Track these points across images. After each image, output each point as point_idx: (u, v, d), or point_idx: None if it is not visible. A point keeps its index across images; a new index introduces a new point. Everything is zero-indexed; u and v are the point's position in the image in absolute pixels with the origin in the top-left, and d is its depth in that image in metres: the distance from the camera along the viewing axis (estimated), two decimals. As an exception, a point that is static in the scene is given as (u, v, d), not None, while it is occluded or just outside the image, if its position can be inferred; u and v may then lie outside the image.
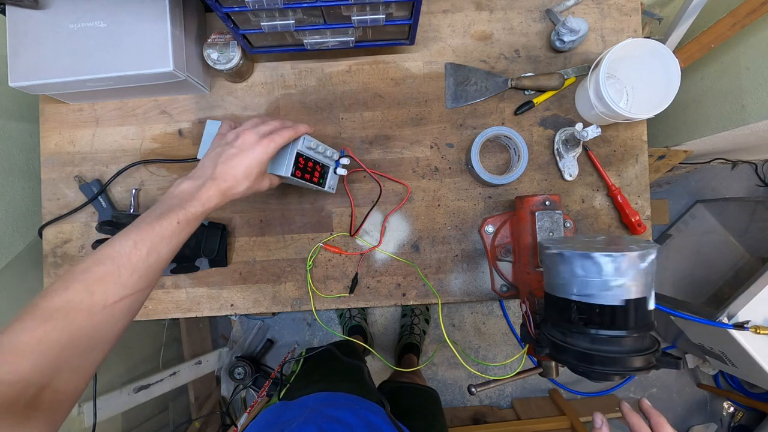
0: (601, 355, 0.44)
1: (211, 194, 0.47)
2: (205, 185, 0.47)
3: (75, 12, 0.60)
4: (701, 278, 1.53)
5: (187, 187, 0.47)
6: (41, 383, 0.34)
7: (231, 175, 0.48)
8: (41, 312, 0.36)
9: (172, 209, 0.44)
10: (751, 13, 0.82)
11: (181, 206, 0.44)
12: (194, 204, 0.45)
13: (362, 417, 0.60)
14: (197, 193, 0.46)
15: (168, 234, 0.43)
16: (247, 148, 0.49)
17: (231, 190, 0.48)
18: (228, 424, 1.52)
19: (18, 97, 0.81)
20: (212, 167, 0.48)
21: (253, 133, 0.50)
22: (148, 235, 0.41)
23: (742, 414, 1.60)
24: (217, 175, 0.48)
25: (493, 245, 0.70)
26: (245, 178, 0.49)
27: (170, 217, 0.43)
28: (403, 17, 0.58)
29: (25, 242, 0.83)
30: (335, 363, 0.80)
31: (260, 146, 0.49)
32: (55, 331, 0.35)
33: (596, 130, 0.62)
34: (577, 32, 0.67)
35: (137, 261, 0.40)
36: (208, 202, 0.46)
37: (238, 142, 0.49)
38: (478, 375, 0.64)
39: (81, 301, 0.37)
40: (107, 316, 0.38)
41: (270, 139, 0.50)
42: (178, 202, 0.45)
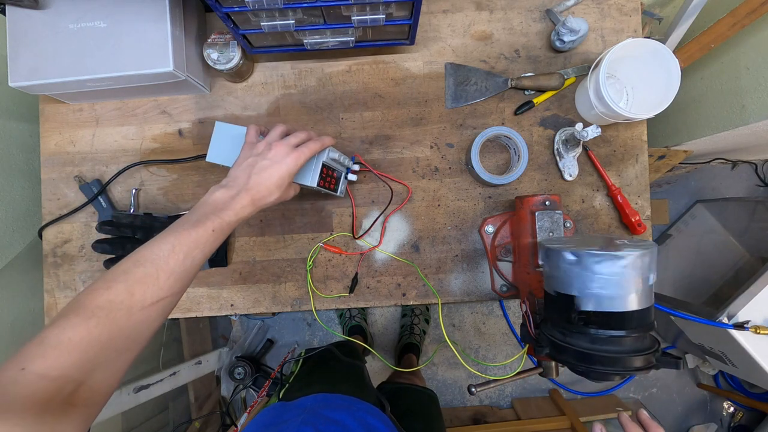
0: (601, 355, 0.44)
1: (244, 204, 0.48)
2: (239, 195, 0.49)
3: (75, 12, 0.60)
4: (701, 278, 1.53)
5: (222, 196, 0.48)
6: (79, 380, 0.34)
7: (264, 185, 0.50)
8: (85, 310, 0.37)
9: (207, 217, 0.46)
10: (751, 13, 0.82)
11: (216, 214, 0.46)
12: (228, 213, 0.47)
13: (360, 419, 0.60)
14: (231, 203, 0.48)
15: (203, 241, 0.44)
16: (279, 160, 0.51)
17: (263, 200, 0.50)
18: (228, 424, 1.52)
19: (18, 97, 0.81)
20: (246, 177, 0.50)
21: (285, 145, 0.52)
22: (185, 240, 0.43)
23: (742, 414, 1.60)
24: (251, 185, 0.49)
25: (493, 245, 0.70)
26: (277, 188, 0.51)
27: (206, 225, 0.45)
28: (403, 17, 0.58)
29: (25, 242, 0.83)
30: (335, 364, 0.80)
31: (291, 158, 0.51)
32: (96, 329, 0.36)
33: (596, 130, 0.62)
34: (577, 32, 0.67)
35: (174, 265, 0.42)
36: (242, 211, 0.48)
37: (271, 154, 0.51)
38: (478, 375, 0.64)
39: (122, 301, 0.38)
40: (144, 317, 0.40)
41: (300, 152, 0.52)
42: (213, 210, 0.47)
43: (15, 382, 0.32)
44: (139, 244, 0.66)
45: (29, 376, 0.32)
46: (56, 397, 0.33)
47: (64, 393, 0.33)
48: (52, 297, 0.73)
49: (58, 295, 0.73)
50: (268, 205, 0.51)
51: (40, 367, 0.33)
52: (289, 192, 0.55)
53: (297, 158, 0.52)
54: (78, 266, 0.73)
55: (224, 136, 0.61)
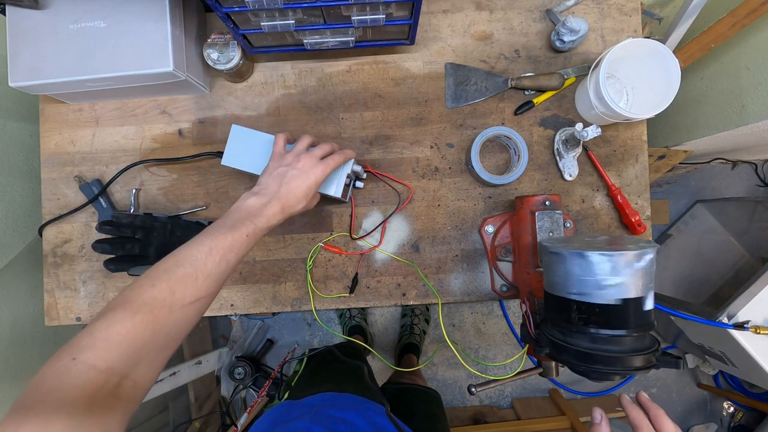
0: (601, 355, 0.44)
1: (275, 211, 0.51)
2: (271, 202, 0.51)
3: (75, 12, 0.60)
4: (701, 278, 1.53)
5: (255, 203, 0.51)
6: (124, 373, 0.36)
7: (293, 195, 0.53)
8: (132, 305, 0.38)
9: (242, 222, 0.48)
10: (751, 13, 0.82)
11: (250, 220, 0.48)
12: (261, 219, 0.49)
13: (368, 418, 0.60)
14: (264, 210, 0.50)
15: (237, 245, 0.46)
16: (308, 170, 0.54)
17: (292, 208, 0.53)
18: (228, 424, 1.52)
19: (18, 97, 0.81)
20: (277, 186, 0.53)
21: (312, 156, 0.55)
22: (221, 244, 0.45)
23: (742, 414, 1.60)
24: (281, 194, 0.52)
25: (493, 245, 0.70)
26: (305, 197, 0.54)
27: (240, 230, 0.47)
28: (403, 17, 0.58)
29: (25, 242, 0.83)
30: (337, 364, 0.80)
31: (318, 169, 0.54)
32: (141, 325, 0.38)
33: (596, 130, 0.62)
34: (577, 32, 0.67)
35: (212, 267, 0.44)
36: (273, 218, 0.51)
37: (300, 165, 0.54)
38: (478, 375, 0.64)
39: (165, 299, 0.40)
40: (183, 316, 0.41)
41: (326, 164, 0.55)
42: (247, 216, 0.49)
43: (68, 371, 0.33)
44: (139, 244, 0.66)
45: (80, 366, 0.33)
46: (103, 388, 0.34)
47: (110, 385, 0.34)
48: (52, 297, 0.73)
49: (58, 295, 0.73)
50: (295, 213, 0.54)
51: (91, 358, 0.34)
52: (313, 201, 0.58)
53: (323, 170, 0.55)
54: (78, 266, 0.73)
55: (241, 139, 0.61)
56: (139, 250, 0.66)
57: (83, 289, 0.73)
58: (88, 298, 0.73)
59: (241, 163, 0.61)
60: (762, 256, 1.47)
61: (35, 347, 0.87)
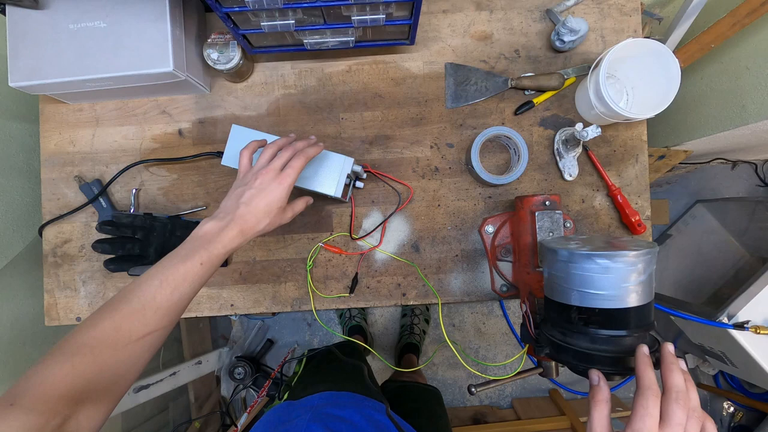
0: (601, 355, 0.44)
1: (233, 235, 0.49)
2: (228, 226, 0.49)
3: (75, 12, 0.60)
4: (701, 278, 1.53)
5: (211, 229, 0.49)
6: (66, 414, 0.36)
7: (252, 215, 0.50)
8: (70, 347, 0.39)
9: (196, 250, 0.47)
10: (751, 13, 0.82)
11: (204, 247, 0.47)
12: (216, 245, 0.48)
13: (368, 416, 0.60)
14: (220, 235, 0.48)
15: (191, 275, 0.45)
16: (266, 188, 0.51)
17: (252, 229, 0.51)
18: (228, 424, 1.52)
19: (18, 97, 0.81)
20: (234, 208, 0.51)
21: (270, 171, 0.52)
22: (173, 276, 0.44)
23: (742, 414, 1.60)
24: (239, 216, 0.50)
25: (493, 245, 0.70)
26: (266, 215, 0.51)
27: (194, 259, 0.46)
28: (403, 17, 0.58)
29: (25, 242, 0.83)
30: (337, 363, 0.80)
31: (277, 184, 0.52)
32: (81, 365, 0.38)
33: (596, 130, 0.61)
34: (577, 32, 0.67)
35: (162, 300, 0.43)
36: (230, 243, 0.49)
37: (257, 182, 0.52)
38: (478, 375, 0.65)
39: (107, 337, 0.40)
40: (131, 352, 0.41)
41: (285, 175, 0.52)
42: (202, 243, 0.47)
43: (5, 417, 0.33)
44: (139, 244, 0.66)
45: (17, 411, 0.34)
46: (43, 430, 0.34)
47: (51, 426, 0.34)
48: (52, 297, 0.73)
49: (58, 295, 0.73)
50: (260, 232, 0.52)
51: (28, 402, 0.35)
52: (285, 216, 0.55)
53: (283, 183, 0.52)
54: (78, 266, 0.73)
55: (241, 139, 0.61)
56: (139, 250, 0.66)
57: (83, 289, 0.73)
58: (88, 298, 0.73)
59: None
60: (762, 256, 1.47)
61: (35, 347, 0.87)
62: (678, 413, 0.36)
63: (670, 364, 0.39)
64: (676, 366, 0.39)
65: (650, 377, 0.39)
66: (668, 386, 0.38)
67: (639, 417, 0.37)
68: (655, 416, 0.37)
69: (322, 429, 0.54)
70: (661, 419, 0.37)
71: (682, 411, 0.37)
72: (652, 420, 0.36)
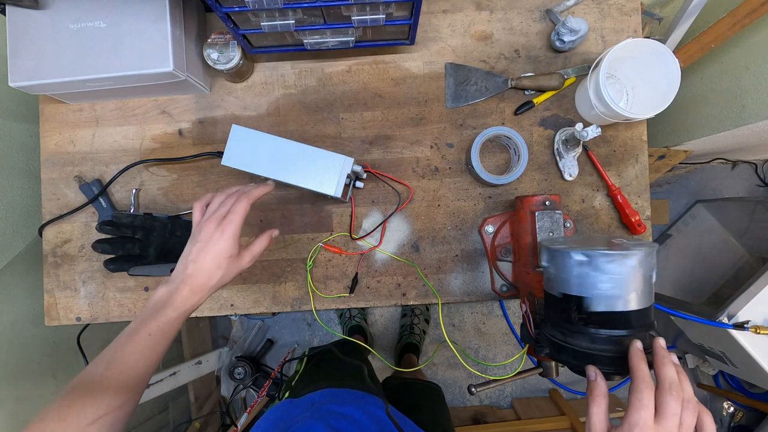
0: (601, 355, 0.44)
1: (184, 296, 0.48)
2: (178, 288, 0.48)
3: (75, 12, 0.60)
4: (701, 278, 1.53)
5: (162, 294, 0.48)
6: None
7: (201, 271, 0.49)
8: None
9: (145, 321, 0.46)
10: (751, 13, 0.82)
11: (153, 317, 0.46)
12: (167, 311, 0.47)
13: (369, 412, 0.60)
14: (171, 298, 0.47)
15: (141, 348, 0.45)
16: (209, 239, 0.49)
17: (206, 285, 0.49)
18: (228, 424, 1.52)
19: (18, 97, 0.81)
20: (184, 267, 0.49)
21: (212, 221, 0.50)
22: (119, 355, 0.44)
23: (742, 414, 1.60)
24: (188, 274, 0.48)
25: (493, 245, 0.70)
26: (216, 268, 0.49)
27: (141, 332, 0.45)
28: (403, 17, 0.58)
29: (25, 242, 0.83)
30: (338, 362, 0.80)
31: (219, 234, 0.49)
32: None
33: (596, 130, 0.61)
34: (577, 32, 0.67)
35: (109, 381, 0.42)
36: (183, 304, 0.48)
37: (201, 236, 0.50)
38: (478, 375, 0.64)
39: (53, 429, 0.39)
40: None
41: (227, 222, 0.50)
42: (152, 312, 0.47)
43: None
44: (139, 244, 0.66)
45: None
46: None
47: None
48: (52, 297, 0.73)
49: (58, 295, 0.73)
50: (217, 286, 0.50)
51: None
52: (241, 262, 0.52)
53: (223, 232, 0.49)
54: (78, 266, 0.73)
55: (241, 139, 0.61)
56: (139, 250, 0.66)
57: (83, 289, 0.73)
58: (88, 298, 0.73)
59: (241, 163, 0.61)
60: (762, 256, 1.47)
61: (35, 347, 0.87)
62: (672, 404, 0.37)
63: (662, 357, 0.40)
64: (668, 359, 0.40)
65: (644, 371, 0.39)
66: (661, 378, 0.39)
67: (635, 410, 0.37)
68: (650, 408, 0.37)
69: (323, 426, 0.54)
70: (656, 411, 0.37)
71: (676, 402, 0.37)
72: (648, 412, 0.37)
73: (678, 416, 0.37)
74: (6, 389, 0.79)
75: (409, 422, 0.65)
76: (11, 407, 0.80)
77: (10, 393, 0.80)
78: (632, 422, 0.37)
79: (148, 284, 0.73)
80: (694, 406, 0.38)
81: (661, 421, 0.37)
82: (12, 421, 0.79)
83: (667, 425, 0.37)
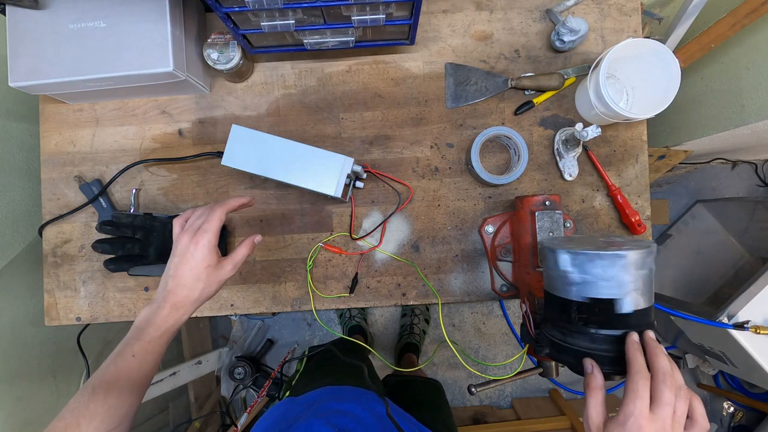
0: (601, 355, 0.44)
1: (165, 313, 0.47)
2: (160, 306, 0.48)
3: (75, 12, 0.60)
4: (701, 278, 1.53)
5: (145, 315, 0.48)
6: None
7: (182, 285, 0.48)
8: None
9: (128, 343, 0.46)
10: (751, 13, 0.82)
11: (136, 337, 0.46)
12: (149, 330, 0.47)
13: (370, 409, 0.60)
14: (153, 317, 0.47)
15: (125, 372, 0.45)
16: (185, 252, 0.49)
17: (187, 298, 0.49)
18: (228, 424, 1.52)
19: (18, 97, 0.81)
20: (164, 284, 0.49)
21: (186, 233, 0.50)
22: (104, 379, 0.44)
23: (742, 414, 1.60)
24: (168, 290, 0.48)
25: (493, 245, 0.70)
26: (196, 281, 0.49)
27: (125, 354, 0.45)
28: (403, 17, 0.58)
29: (25, 242, 0.83)
30: (337, 361, 0.80)
31: (194, 245, 0.49)
32: None
33: (596, 130, 0.61)
34: (577, 32, 0.67)
35: (95, 407, 0.42)
36: (165, 322, 0.47)
37: (177, 250, 0.50)
38: (478, 375, 0.64)
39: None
40: None
41: (201, 232, 0.49)
42: (136, 334, 0.47)
43: None
44: (139, 244, 0.66)
45: None
46: None
47: None
48: (52, 297, 0.73)
49: (58, 295, 0.73)
50: (201, 299, 0.50)
51: None
52: (224, 270, 0.51)
53: (197, 243, 0.49)
54: (78, 266, 0.73)
55: (241, 139, 0.61)
56: (139, 250, 0.66)
57: (83, 289, 0.73)
58: (88, 298, 0.73)
59: (241, 163, 0.61)
60: (762, 256, 1.47)
61: (35, 347, 0.87)
62: (667, 393, 0.38)
63: (654, 348, 0.41)
64: (660, 350, 0.41)
65: (640, 362, 0.40)
66: (655, 369, 0.40)
67: (631, 400, 0.38)
68: (645, 398, 0.38)
69: (324, 424, 0.54)
70: (651, 401, 0.39)
71: (670, 391, 0.38)
72: (643, 402, 0.38)
73: (672, 405, 0.38)
74: (6, 389, 0.79)
75: (411, 419, 0.65)
76: (11, 407, 0.80)
77: (10, 393, 0.80)
78: (628, 412, 0.38)
79: (148, 284, 0.73)
80: (685, 393, 0.40)
81: (656, 410, 0.38)
82: (12, 421, 0.79)
83: (662, 414, 0.38)
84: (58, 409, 0.43)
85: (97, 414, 0.42)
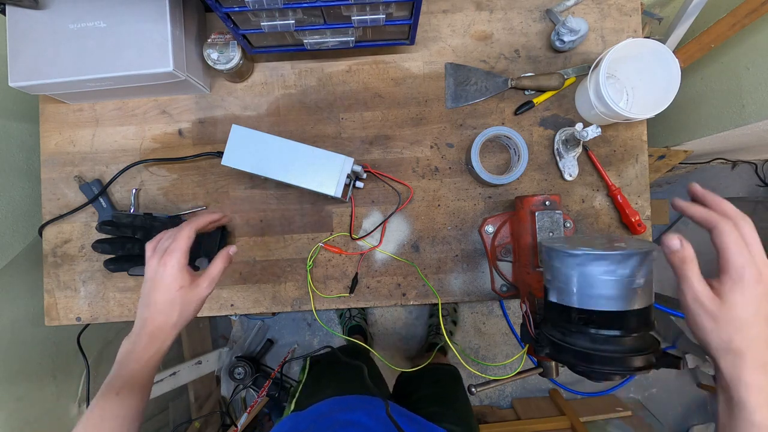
0: (601, 355, 0.43)
1: (144, 344, 0.46)
2: (138, 337, 0.47)
3: (75, 12, 0.60)
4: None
5: (125, 348, 0.47)
6: None
7: (157, 312, 0.47)
8: None
9: (111, 381, 0.45)
10: (751, 13, 0.82)
11: (119, 374, 0.45)
12: (130, 364, 0.46)
13: (376, 416, 0.60)
14: (133, 350, 0.46)
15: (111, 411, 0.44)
16: (154, 276, 0.48)
17: (165, 324, 0.47)
18: (228, 424, 1.52)
19: (18, 97, 0.81)
20: (141, 313, 0.48)
21: (154, 257, 0.49)
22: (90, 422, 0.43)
23: (742, 414, 1.60)
24: (144, 320, 0.47)
25: (493, 245, 0.70)
26: (170, 305, 0.47)
27: (108, 394, 0.44)
28: (403, 17, 0.58)
29: (25, 242, 0.83)
30: (339, 366, 0.80)
31: (162, 267, 0.48)
32: None
33: (596, 130, 0.61)
34: (577, 32, 0.67)
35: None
36: (144, 353, 0.46)
37: (148, 275, 0.49)
38: (478, 375, 0.64)
39: None
40: None
41: (168, 252, 0.48)
42: (118, 369, 0.46)
43: None
44: (139, 244, 0.66)
45: None
46: None
47: None
48: (52, 297, 0.73)
49: (58, 295, 0.73)
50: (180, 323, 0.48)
51: None
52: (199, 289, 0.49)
53: (165, 264, 0.47)
54: (78, 266, 0.73)
55: (241, 139, 0.61)
56: (139, 250, 0.66)
57: (83, 289, 0.73)
58: (88, 298, 0.73)
59: (241, 163, 0.61)
60: (762, 256, 1.46)
61: (35, 347, 0.87)
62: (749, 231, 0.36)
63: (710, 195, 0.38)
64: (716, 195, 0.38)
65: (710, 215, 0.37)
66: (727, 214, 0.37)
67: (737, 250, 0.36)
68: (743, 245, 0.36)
69: None
70: None
71: (750, 227, 0.36)
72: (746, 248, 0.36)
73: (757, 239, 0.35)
74: (6, 389, 0.79)
75: (415, 417, 0.65)
76: (11, 407, 0.80)
77: (10, 393, 0.80)
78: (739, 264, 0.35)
79: (148, 284, 0.73)
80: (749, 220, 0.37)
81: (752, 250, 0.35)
82: (12, 421, 0.79)
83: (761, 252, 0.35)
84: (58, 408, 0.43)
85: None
